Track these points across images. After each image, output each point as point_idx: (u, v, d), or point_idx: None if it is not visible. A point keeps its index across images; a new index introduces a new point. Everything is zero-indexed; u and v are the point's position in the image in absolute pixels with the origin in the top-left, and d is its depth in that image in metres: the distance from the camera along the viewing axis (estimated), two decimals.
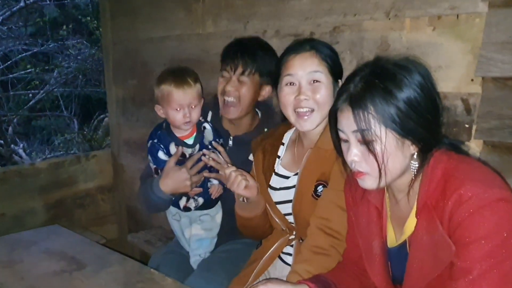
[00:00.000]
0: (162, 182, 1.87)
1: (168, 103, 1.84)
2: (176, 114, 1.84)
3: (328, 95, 1.58)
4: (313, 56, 1.58)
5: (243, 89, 1.93)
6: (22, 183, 3.10)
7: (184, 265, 2.00)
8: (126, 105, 3.33)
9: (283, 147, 1.80)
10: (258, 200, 1.73)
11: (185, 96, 1.83)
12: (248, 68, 1.91)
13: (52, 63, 6.29)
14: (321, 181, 1.59)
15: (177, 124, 1.87)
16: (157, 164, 1.92)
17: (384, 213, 1.32)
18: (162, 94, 1.85)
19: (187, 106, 1.84)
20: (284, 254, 1.77)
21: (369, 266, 1.35)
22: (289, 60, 1.60)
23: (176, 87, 1.82)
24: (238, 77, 1.92)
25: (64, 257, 1.96)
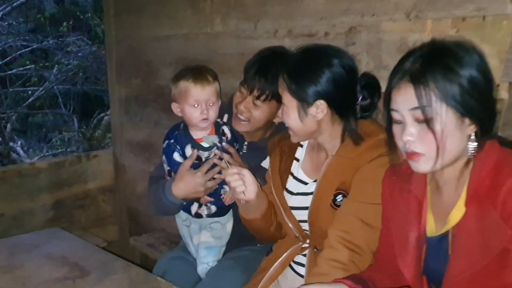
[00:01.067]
0: (174, 185, 1.79)
1: (185, 99, 1.78)
2: (193, 111, 1.78)
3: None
4: None
5: (256, 113, 1.84)
6: (22, 183, 3.02)
7: (191, 272, 1.93)
8: (130, 105, 3.25)
9: (301, 149, 1.73)
10: (257, 204, 1.65)
11: (203, 92, 1.77)
12: (265, 94, 1.79)
13: (52, 60, 6.19)
14: (341, 190, 1.52)
15: (194, 122, 1.80)
16: (171, 166, 1.85)
17: (425, 204, 1.27)
18: (180, 90, 1.79)
19: (205, 103, 1.78)
20: (296, 263, 1.70)
21: (401, 257, 1.31)
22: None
23: (195, 82, 1.77)
24: (253, 99, 1.83)
25: (67, 262, 1.89)
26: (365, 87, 1.54)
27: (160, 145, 3.01)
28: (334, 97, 1.50)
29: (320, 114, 1.52)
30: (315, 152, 1.68)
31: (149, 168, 3.15)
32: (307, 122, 1.54)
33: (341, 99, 1.52)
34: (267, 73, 1.78)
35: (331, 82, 1.48)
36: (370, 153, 1.49)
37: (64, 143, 6.38)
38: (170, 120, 2.89)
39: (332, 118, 1.54)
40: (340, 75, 1.49)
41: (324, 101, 1.50)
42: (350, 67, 1.52)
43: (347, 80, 1.51)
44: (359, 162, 1.50)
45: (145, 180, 3.17)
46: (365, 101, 1.55)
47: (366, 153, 1.50)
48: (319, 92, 1.49)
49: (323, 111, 1.51)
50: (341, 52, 1.55)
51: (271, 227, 1.74)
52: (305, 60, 1.54)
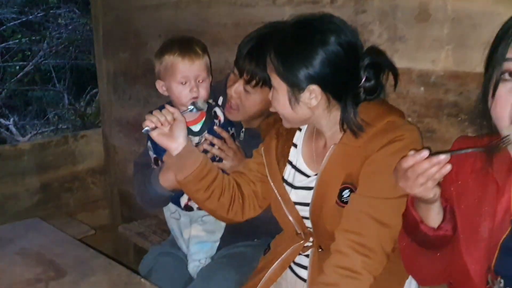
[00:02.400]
0: (162, 175, 1.59)
1: (172, 76, 1.57)
2: (182, 89, 1.58)
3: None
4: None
5: (247, 100, 1.61)
6: (3, 166, 2.81)
7: (180, 270, 1.74)
8: (118, 81, 3.01)
9: (299, 133, 1.50)
10: (181, 163, 1.44)
11: (192, 67, 1.56)
12: (254, 80, 1.56)
13: (41, 33, 5.90)
14: (347, 184, 1.30)
15: (182, 101, 1.59)
16: (158, 153, 1.64)
17: (507, 191, 1.05)
18: (166, 66, 1.58)
19: (194, 79, 1.58)
20: (296, 265, 1.50)
21: (468, 251, 1.11)
22: None
23: (182, 56, 1.56)
24: (243, 84, 1.59)
25: (42, 260, 1.69)
26: (369, 66, 1.29)
27: None
28: (329, 80, 1.28)
29: (313, 100, 1.30)
30: (314, 139, 1.46)
31: (140, 149, 2.93)
32: (299, 110, 1.32)
33: (339, 83, 1.29)
34: (260, 54, 1.51)
35: (325, 64, 1.25)
36: (379, 140, 1.27)
37: (56, 120, 6.14)
38: (160, 98, 2.64)
39: (329, 103, 1.32)
40: (337, 54, 1.26)
41: (318, 86, 1.28)
42: (349, 44, 1.28)
43: (346, 59, 1.27)
44: (367, 150, 1.28)
45: None
46: (370, 83, 1.30)
47: (375, 139, 1.28)
48: (312, 76, 1.26)
49: (317, 97, 1.29)
50: (340, 25, 1.30)
51: (205, 202, 1.48)
52: (296, 37, 1.29)
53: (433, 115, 1.54)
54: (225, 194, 1.49)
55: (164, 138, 1.42)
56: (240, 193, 1.53)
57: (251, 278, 1.57)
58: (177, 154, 1.43)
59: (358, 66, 1.28)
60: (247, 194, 1.54)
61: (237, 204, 1.53)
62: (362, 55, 1.30)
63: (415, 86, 1.57)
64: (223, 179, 1.50)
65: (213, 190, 1.47)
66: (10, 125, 6.05)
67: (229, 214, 1.53)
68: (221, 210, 1.52)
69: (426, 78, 1.54)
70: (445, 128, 1.52)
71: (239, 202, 1.53)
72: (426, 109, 1.55)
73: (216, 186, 1.48)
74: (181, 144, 1.42)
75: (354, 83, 1.29)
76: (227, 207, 1.51)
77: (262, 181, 1.54)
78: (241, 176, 1.56)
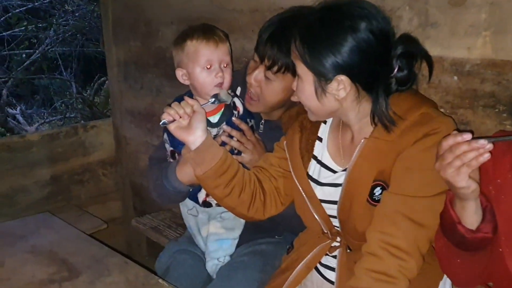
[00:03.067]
0: (179, 169, 1.50)
1: (195, 61, 1.49)
2: (206, 75, 1.49)
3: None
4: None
5: (267, 88, 1.52)
6: (12, 158, 2.74)
7: (198, 269, 1.67)
8: (129, 70, 2.92)
9: (325, 126, 1.41)
10: (200, 157, 1.36)
11: (217, 51, 1.49)
12: (276, 66, 1.47)
13: (48, 21, 5.80)
14: (379, 181, 1.22)
15: (207, 89, 1.51)
16: (175, 146, 1.57)
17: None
18: (187, 52, 1.50)
19: (219, 64, 1.50)
20: (322, 266, 1.42)
21: (510, 253, 1.05)
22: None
23: (206, 39, 1.48)
24: (264, 70, 1.50)
25: (54, 259, 1.63)
26: (402, 55, 1.19)
27: None
28: (360, 70, 1.18)
29: (341, 91, 1.21)
30: (340, 132, 1.37)
31: (152, 141, 2.88)
32: (326, 101, 1.23)
33: (369, 73, 1.19)
34: (281, 40, 1.44)
35: (355, 52, 1.16)
36: (413, 133, 1.18)
37: (63, 109, 6.07)
38: (173, 87, 2.58)
39: (358, 95, 1.22)
40: (368, 42, 1.16)
41: (347, 76, 1.18)
42: (381, 31, 1.18)
43: (377, 48, 1.17)
44: (401, 145, 1.19)
45: (148, 154, 2.93)
46: (402, 73, 1.21)
47: (408, 133, 1.19)
48: (341, 65, 1.17)
49: (346, 88, 1.20)
50: (371, 11, 1.20)
51: (225, 199, 1.41)
52: (323, 23, 1.19)
53: (468, 106, 1.45)
54: (246, 191, 1.42)
55: (182, 131, 1.35)
56: (261, 190, 1.45)
57: (274, 278, 1.50)
58: (196, 148, 1.35)
59: (390, 55, 1.19)
60: (268, 190, 1.47)
61: (259, 201, 1.45)
62: (394, 43, 1.20)
63: (448, 75, 1.47)
64: (244, 175, 1.43)
65: (233, 186, 1.39)
66: (17, 114, 5.99)
67: (250, 211, 1.45)
68: (242, 207, 1.44)
69: (460, 66, 1.44)
70: (480, 120, 1.42)
71: (260, 199, 1.45)
72: (460, 99, 1.46)
73: (236, 182, 1.40)
74: (200, 138, 1.35)
75: (385, 73, 1.20)
76: (248, 204, 1.44)
77: (284, 177, 1.46)
78: (262, 171, 1.48)
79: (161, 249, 2.43)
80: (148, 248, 3.10)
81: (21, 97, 6.17)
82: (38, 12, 5.92)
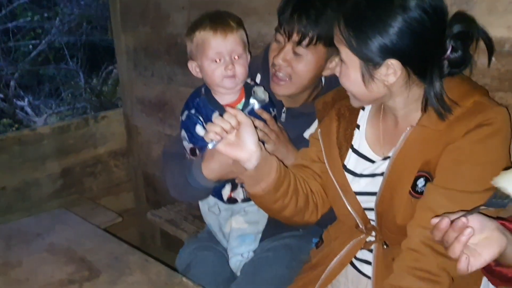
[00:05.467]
0: (205, 165, 1.40)
1: (203, 53, 1.40)
2: (215, 67, 1.40)
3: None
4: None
5: (299, 65, 1.43)
6: (23, 152, 2.67)
7: (221, 266, 1.60)
8: (138, 57, 2.83)
9: (362, 113, 1.33)
10: (259, 174, 1.24)
11: (225, 42, 1.39)
12: (308, 37, 1.38)
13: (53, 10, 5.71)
14: (423, 172, 1.13)
15: (216, 81, 1.42)
16: (195, 142, 1.46)
17: None
18: (196, 44, 1.41)
19: (229, 55, 1.40)
20: (358, 260, 1.35)
21: None
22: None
23: (214, 30, 1.38)
24: (294, 47, 1.41)
25: (72, 258, 1.57)
26: (458, 36, 1.10)
27: (175, 103, 2.66)
28: (411, 53, 1.09)
29: (391, 77, 1.12)
30: (380, 119, 1.28)
31: (164, 130, 2.80)
32: (374, 87, 1.14)
33: (422, 56, 1.10)
34: (309, 9, 1.36)
35: (407, 33, 1.07)
36: (465, 123, 1.09)
37: (72, 100, 6.00)
38: (185, 75, 2.49)
39: (408, 79, 1.13)
40: (420, 22, 1.07)
41: (397, 60, 1.09)
42: (435, 9, 1.08)
43: (431, 27, 1.08)
44: (451, 135, 1.11)
45: (161, 143, 2.86)
46: (456, 54, 1.11)
47: (460, 122, 1.10)
48: (390, 49, 1.08)
49: (396, 73, 1.11)
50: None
51: (284, 211, 1.32)
52: (370, 3, 1.10)
53: (508, 89, 1.35)
54: (300, 196, 1.33)
55: (232, 149, 1.20)
56: (310, 190, 1.37)
57: (304, 274, 1.43)
58: (255, 167, 1.22)
59: (444, 35, 1.09)
60: (315, 190, 1.38)
61: (312, 204, 1.36)
62: (449, 22, 1.10)
63: (485, 56, 1.35)
64: (296, 180, 1.33)
65: (291, 196, 1.30)
66: (25, 105, 5.94)
67: (305, 217, 1.37)
68: (299, 215, 1.35)
69: (499, 46, 1.34)
70: None
71: (313, 201, 1.37)
72: (499, 82, 1.37)
73: (293, 191, 1.30)
74: (254, 153, 1.21)
75: (439, 54, 1.10)
76: (304, 210, 1.35)
77: (327, 171, 1.37)
78: (304, 170, 1.39)
79: (176, 241, 2.39)
80: (163, 240, 3.05)
81: (28, 88, 6.11)
82: (42, 1, 5.83)
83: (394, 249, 1.20)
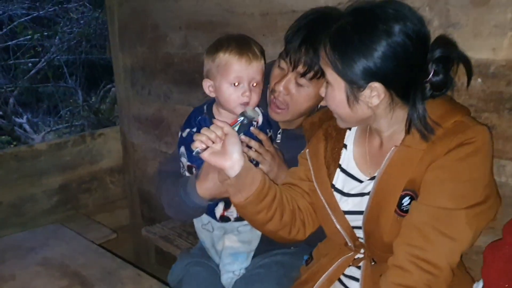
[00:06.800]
0: (200, 185, 1.42)
1: (224, 75, 1.41)
2: (233, 91, 1.41)
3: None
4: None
5: (299, 95, 1.47)
6: (20, 167, 2.70)
7: (213, 282, 1.60)
8: (136, 76, 2.88)
9: (349, 133, 1.36)
10: (240, 183, 1.27)
11: (248, 69, 1.40)
12: (313, 70, 1.41)
13: (53, 29, 5.78)
14: (408, 190, 1.16)
15: (231, 105, 1.43)
16: (193, 161, 1.48)
17: None
18: (218, 64, 1.41)
19: (248, 82, 1.41)
20: (346, 277, 1.36)
21: None
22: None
23: (240, 54, 1.39)
24: (296, 77, 1.44)
25: (66, 272, 1.59)
26: (439, 60, 1.14)
27: (171, 121, 2.70)
28: (394, 77, 1.13)
29: (375, 99, 1.16)
30: (367, 139, 1.32)
31: (160, 147, 2.83)
32: (358, 109, 1.18)
33: (405, 79, 1.14)
34: (316, 43, 1.35)
35: (390, 58, 1.10)
36: (446, 143, 1.12)
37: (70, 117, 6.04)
38: (181, 94, 2.53)
39: (392, 101, 1.17)
40: (403, 46, 1.10)
41: (381, 84, 1.13)
42: (417, 34, 1.12)
43: (413, 52, 1.12)
44: (433, 154, 1.14)
45: (156, 161, 2.89)
46: (437, 77, 1.15)
47: (442, 142, 1.13)
48: (374, 72, 1.12)
49: (379, 95, 1.15)
50: (406, 12, 1.14)
51: (267, 224, 1.34)
52: (355, 27, 1.13)
53: (493, 110, 1.39)
54: (286, 211, 1.35)
55: (217, 158, 1.25)
56: (298, 208, 1.39)
57: None
58: (236, 174, 1.25)
59: (426, 59, 1.13)
60: (303, 207, 1.40)
61: (299, 220, 1.38)
62: (431, 46, 1.15)
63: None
64: (282, 194, 1.35)
65: (275, 209, 1.32)
66: (24, 123, 5.97)
67: (292, 233, 1.38)
68: (284, 230, 1.37)
69: (485, 68, 1.39)
70: (506, 123, 1.37)
71: (300, 218, 1.39)
72: (485, 103, 1.40)
73: (278, 204, 1.32)
74: (238, 162, 1.25)
75: (421, 78, 1.14)
76: (290, 225, 1.37)
77: (316, 190, 1.39)
78: (293, 188, 1.41)
79: (171, 257, 2.39)
80: (157, 256, 3.05)
81: (27, 106, 6.15)
82: (42, 20, 5.92)
83: (382, 266, 1.22)
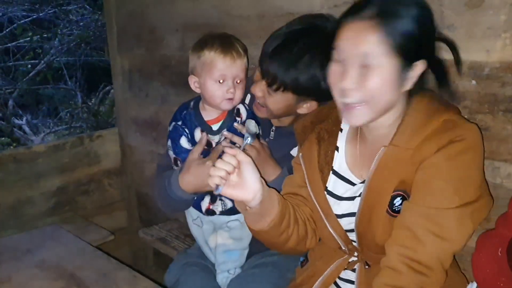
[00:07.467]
0: (182, 178, 1.47)
1: (209, 73, 1.46)
2: (217, 88, 1.47)
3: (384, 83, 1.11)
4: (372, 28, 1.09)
5: (269, 101, 1.49)
6: (18, 169, 2.70)
7: (209, 282, 1.62)
8: (133, 78, 2.89)
9: (341, 134, 1.35)
10: (263, 209, 1.23)
11: (232, 67, 1.46)
12: (275, 85, 1.43)
13: (52, 31, 5.79)
14: (399, 191, 1.16)
15: (215, 102, 1.48)
16: (178, 153, 1.53)
17: None
18: (203, 62, 1.47)
19: (232, 79, 1.47)
20: (341, 280, 1.37)
21: None
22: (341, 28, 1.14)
23: (223, 53, 1.45)
24: (265, 86, 1.47)
25: (62, 274, 1.59)
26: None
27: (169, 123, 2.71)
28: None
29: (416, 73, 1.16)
30: (358, 140, 1.31)
31: (158, 149, 2.83)
32: (401, 90, 1.17)
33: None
34: (285, 56, 1.39)
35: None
36: (435, 141, 1.12)
37: (70, 119, 6.04)
38: (179, 96, 2.54)
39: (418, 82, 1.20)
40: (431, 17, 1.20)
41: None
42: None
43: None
44: (422, 153, 1.13)
45: (154, 163, 2.89)
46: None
47: (431, 140, 1.13)
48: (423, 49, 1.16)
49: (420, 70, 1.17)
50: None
51: (288, 242, 1.33)
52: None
53: (487, 111, 1.39)
54: (300, 224, 1.35)
55: (237, 190, 1.18)
56: (306, 217, 1.38)
57: None
58: (259, 202, 1.21)
59: None
60: (309, 215, 1.39)
61: (310, 229, 1.38)
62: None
63: (465, 79, 1.42)
64: (293, 207, 1.34)
65: (293, 225, 1.31)
66: (23, 124, 5.97)
67: (307, 244, 1.39)
68: (301, 244, 1.37)
69: (479, 70, 1.39)
70: (501, 125, 1.37)
71: (311, 227, 1.39)
72: (479, 104, 1.41)
73: (294, 220, 1.32)
74: (258, 191, 1.19)
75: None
76: (305, 237, 1.37)
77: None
78: (294, 197, 1.40)
79: (168, 259, 2.39)
80: (155, 258, 3.05)
81: (27, 107, 6.15)
82: (42, 22, 5.92)
83: (376, 269, 1.22)
